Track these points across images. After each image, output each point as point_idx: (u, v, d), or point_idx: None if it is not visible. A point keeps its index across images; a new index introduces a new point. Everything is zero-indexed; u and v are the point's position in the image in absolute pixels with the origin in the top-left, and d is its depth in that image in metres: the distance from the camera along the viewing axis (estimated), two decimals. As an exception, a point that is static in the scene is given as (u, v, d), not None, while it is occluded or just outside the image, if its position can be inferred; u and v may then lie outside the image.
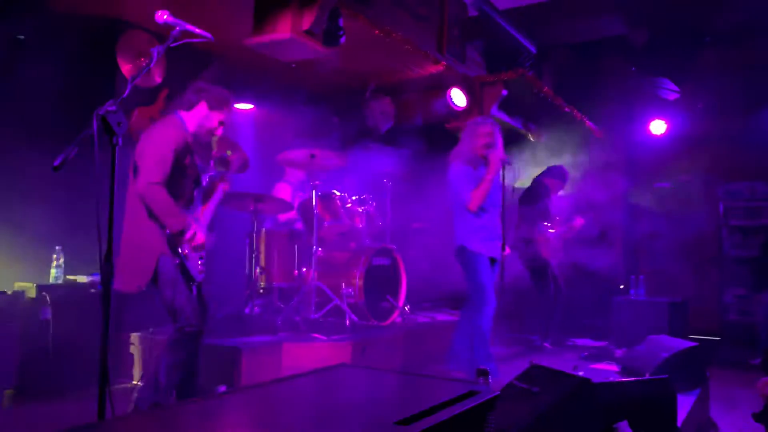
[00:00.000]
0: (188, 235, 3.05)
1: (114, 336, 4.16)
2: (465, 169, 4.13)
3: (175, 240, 3.02)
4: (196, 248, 3.13)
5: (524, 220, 5.77)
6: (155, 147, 3.02)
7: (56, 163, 2.04)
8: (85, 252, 4.15)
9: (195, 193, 3.26)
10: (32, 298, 3.87)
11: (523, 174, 6.98)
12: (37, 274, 4.09)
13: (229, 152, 3.54)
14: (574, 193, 6.50)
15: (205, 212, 3.31)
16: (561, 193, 6.16)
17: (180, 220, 3.02)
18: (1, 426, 3.38)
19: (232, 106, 3.38)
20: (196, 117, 3.23)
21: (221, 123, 3.29)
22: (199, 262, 3.15)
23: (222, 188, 3.44)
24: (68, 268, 4.18)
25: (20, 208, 4.02)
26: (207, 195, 3.40)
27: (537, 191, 5.91)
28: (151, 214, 3.00)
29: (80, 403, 3.51)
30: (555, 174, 5.98)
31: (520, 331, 6.10)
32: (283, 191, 5.48)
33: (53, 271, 4.10)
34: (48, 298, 3.93)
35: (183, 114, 3.23)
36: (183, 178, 3.12)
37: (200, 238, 3.11)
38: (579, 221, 5.86)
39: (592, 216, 6.10)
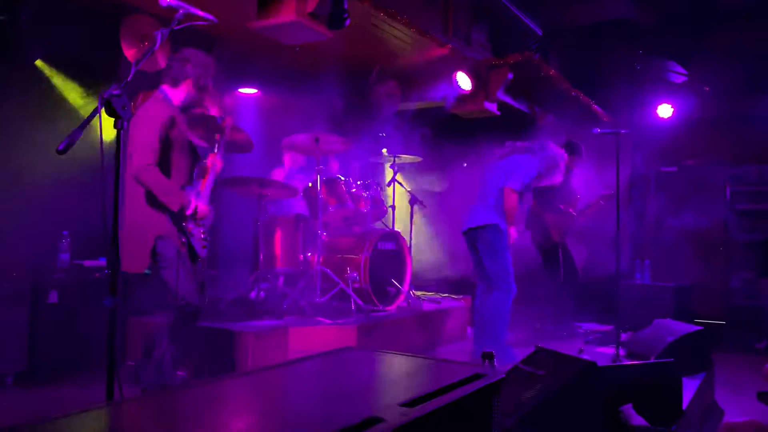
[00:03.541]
0: (189, 210, 3.07)
1: (121, 319, 4.19)
2: (535, 171, 4.42)
3: (179, 218, 3.03)
4: (198, 222, 3.15)
5: (538, 199, 5.65)
6: (141, 129, 3.04)
7: (61, 147, 2.03)
8: (91, 236, 4.17)
9: (194, 167, 3.26)
10: (40, 282, 3.90)
11: None
12: (45, 259, 4.11)
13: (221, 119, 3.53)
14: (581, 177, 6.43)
15: (205, 184, 3.30)
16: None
17: (178, 198, 3.04)
18: (9, 409, 3.42)
19: (214, 74, 3.35)
20: (181, 94, 3.24)
21: (201, 100, 3.34)
22: (202, 236, 3.17)
23: (213, 160, 3.39)
24: (75, 253, 4.20)
25: (27, 193, 4.03)
26: (206, 169, 3.40)
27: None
28: (150, 197, 3.02)
29: (88, 385, 3.54)
30: (570, 150, 5.57)
31: (528, 314, 6.07)
32: (277, 176, 5.46)
33: (60, 255, 4.12)
34: (55, 282, 3.96)
35: (168, 89, 3.23)
36: (172, 152, 3.13)
37: (202, 209, 3.13)
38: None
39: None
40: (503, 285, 4.29)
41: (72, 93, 4.49)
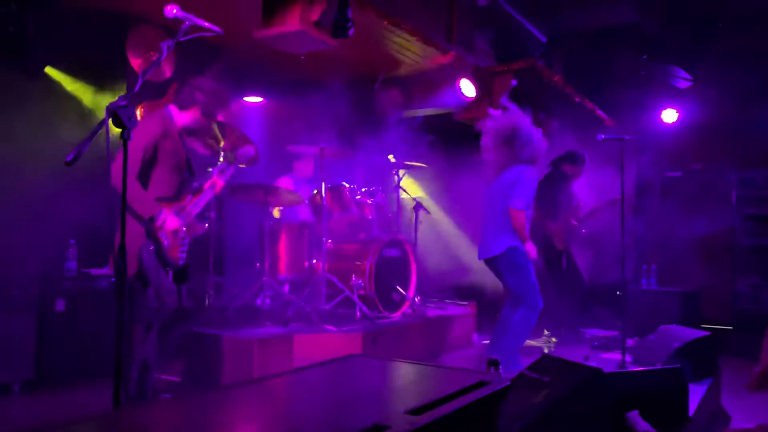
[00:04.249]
0: (158, 222, 3.10)
1: (128, 327, 4.21)
2: (534, 181, 4.40)
3: (150, 227, 3.09)
4: (174, 235, 3.16)
5: (540, 208, 5.65)
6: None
7: (69, 158, 2.06)
8: (98, 245, 4.20)
9: (183, 183, 3.30)
10: (47, 290, 3.92)
11: None
12: (52, 267, 4.14)
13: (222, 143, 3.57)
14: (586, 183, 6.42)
15: (195, 201, 3.31)
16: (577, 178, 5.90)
17: (147, 207, 3.09)
18: (18, 416, 3.44)
19: (227, 108, 3.44)
20: (187, 118, 3.33)
21: (208, 126, 3.43)
22: (180, 248, 3.19)
23: (215, 181, 3.42)
24: (82, 261, 4.23)
25: (34, 203, 4.06)
26: (199, 189, 3.42)
27: (553, 178, 5.71)
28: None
29: (95, 393, 3.55)
30: (572, 159, 5.69)
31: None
32: (285, 185, 5.48)
33: (67, 263, 4.15)
34: (62, 290, 3.99)
35: (174, 111, 3.33)
36: (156, 165, 3.19)
37: (171, 224, 3.13)
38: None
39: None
40: (530, 301, 4.25)
41: (81, 99, 4.53)
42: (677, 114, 7.24)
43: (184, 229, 3.21)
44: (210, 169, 3.50)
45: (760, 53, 6.76)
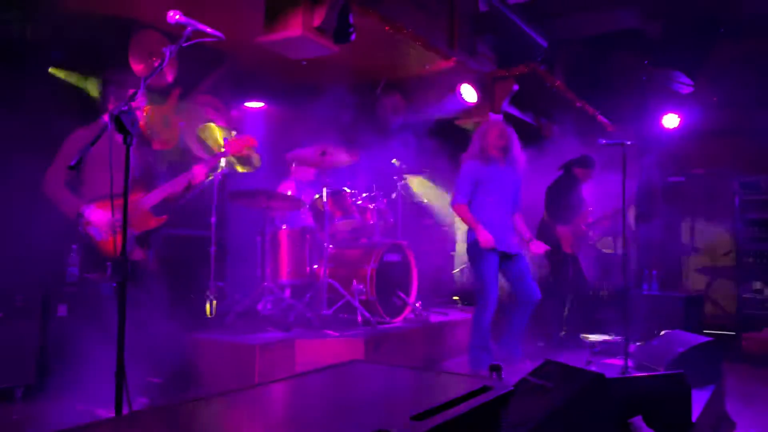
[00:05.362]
0: (85, 218, 3.23)
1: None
2: (466, 174, 4.23)
3: (77, 223, 3.21)
4: (108, 228, 3.23)
5: (551, 211, 5.64)
6: (63, 149, 3.37)
7: (72, 163, 2.07)
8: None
9: (134, 179, 3.31)
10: (49, 296, 3.92)
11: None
12: (54, 273, 4.13)
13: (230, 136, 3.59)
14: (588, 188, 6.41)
15: (149, 195, 3.40)
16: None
17: (69, 208, 3.26)
18: (18, 422, 3.43)
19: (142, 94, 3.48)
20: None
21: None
22: (132, 242, 3.27)
23: (194, 171, 3.45)
24: (84, 266, 4.23)
25: (36, 206, 4.06)
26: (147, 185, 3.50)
27: (565, 182, 5.70)
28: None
29: (97, 399, 3.54)
30: (584, 163, 5.67)
31: (536, 326, 6.03)
32: (286, 190, 5.49)
33: (69, 268, 4.14)
34: (65, 295, 3.98)
35: (106, 116, 3.44)
36: (88, 167, 3.26)
37: (96, 218, 3.25)
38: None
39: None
40: (479, 299, 4.16)
41: (84, 103, 4.54)
42: (679, 119, 7.24)
43: (117, 221, 3.19)
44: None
45: (761, 58, 6.76)
